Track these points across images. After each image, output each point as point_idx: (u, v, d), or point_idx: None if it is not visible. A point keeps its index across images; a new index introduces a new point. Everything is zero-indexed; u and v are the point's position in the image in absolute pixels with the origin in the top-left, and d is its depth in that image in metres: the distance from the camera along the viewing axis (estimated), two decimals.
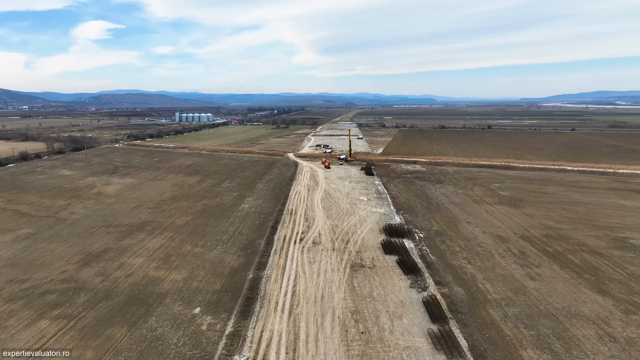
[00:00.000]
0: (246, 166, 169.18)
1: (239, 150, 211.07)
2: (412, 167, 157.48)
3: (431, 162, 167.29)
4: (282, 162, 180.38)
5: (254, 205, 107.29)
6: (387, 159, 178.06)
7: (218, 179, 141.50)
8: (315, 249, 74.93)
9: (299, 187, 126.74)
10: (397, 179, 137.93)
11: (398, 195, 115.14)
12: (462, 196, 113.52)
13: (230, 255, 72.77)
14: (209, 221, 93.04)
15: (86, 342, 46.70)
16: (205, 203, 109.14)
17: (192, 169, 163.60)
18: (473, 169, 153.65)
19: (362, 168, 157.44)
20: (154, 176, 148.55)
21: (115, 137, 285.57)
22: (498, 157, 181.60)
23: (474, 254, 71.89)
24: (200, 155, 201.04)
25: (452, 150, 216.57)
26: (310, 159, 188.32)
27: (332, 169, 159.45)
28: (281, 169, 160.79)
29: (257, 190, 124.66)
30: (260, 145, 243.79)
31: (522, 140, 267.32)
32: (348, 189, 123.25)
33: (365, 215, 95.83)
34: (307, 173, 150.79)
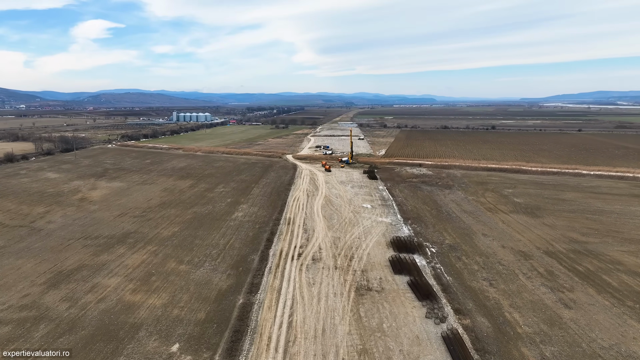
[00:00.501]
0: (242, 169, 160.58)
1: (235, 151, 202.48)
2: (417, 171, 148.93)
3: (437, 164, 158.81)
4: (280, 164, 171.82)
5: (248, 213, 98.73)
6: (390, 161, 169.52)
7: (211, 183, 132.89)
8: (315, 267, 66.41)
9: (297, 193, 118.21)
10: (402, 184, 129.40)
11: (404, 202, 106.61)
12: (473, 203, 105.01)
13: (219, 275, 64.23)
14: (198, 232, 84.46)
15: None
16: (196, 211, 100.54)
17: (185, 171, 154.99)
18: (482, 173, 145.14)
19: (364, 171, 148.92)
20: (143, 180, 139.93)
21: (109, 138, 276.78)
22: (507, 160, 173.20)
23: (495, 274, 63.38)
24: (195, 157, 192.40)
25: (457, 152, 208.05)
26: (309, 161, 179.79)
27: (332, 172, 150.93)
28: (279, 172, 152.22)
29: (253, 196, 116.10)
30: (258, 146, 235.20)
31: (528, 141, 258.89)
32: (350, 195, 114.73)
33: (370, 226, 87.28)
34: (307, 177, 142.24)
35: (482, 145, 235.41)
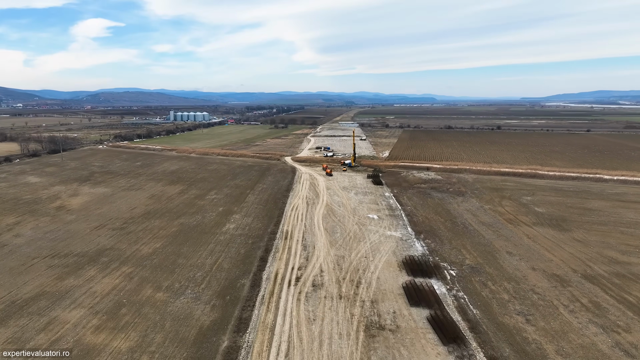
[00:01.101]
0: (237, 172, 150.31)
1: (231, 153, 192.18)
2: (425, 175, 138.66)
3: (446, 168, 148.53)
4: (279, 167, 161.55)
5: (241, 224, 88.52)
6: (395, 164, 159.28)
7: (203, 189, 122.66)
8: (316, 296, 56.23)
9: (296, 201, 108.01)
10: (410, 190, 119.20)
11: (414, 212, 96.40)
12: (491, 213, 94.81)
13: (201, 306, 54.06)
14: (182, 249, 74.25)
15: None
16: (183, 222, 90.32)
17: (176, 175, 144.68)
18: (495, 178, 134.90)
19: (368, 176, 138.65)
20: (130, 185, 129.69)
21: (101, 138, 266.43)
22: (519, 163, 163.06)
23: (531, 306, 53.21)
24: (188, 159, 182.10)
25: (465, 154, 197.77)
26: (309, 163, 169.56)
27: (334, 176, 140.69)
28: (277, 177, 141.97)
29: (247, 203, 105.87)
30: (256, 147, 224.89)
31: (537, 142, 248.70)
32: (354, 203, 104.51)
33: (377, 241, 77.09)
34: (306, 182, 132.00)
35: (490, 147, 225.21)
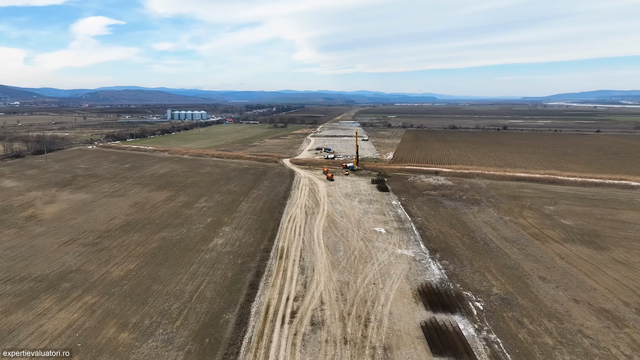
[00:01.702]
0: (231, 176, 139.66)
1: (226, 154, 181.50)
2: (434, 180, 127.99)
3: (456, 173, 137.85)
4: (276, 170, 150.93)
5: (231, 239, 78.00)
6: (401, 167, 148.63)
7: (192, 196, 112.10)
8: (315, 340, 45.70)
9: (294, 210, 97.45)
10: (419, 197, 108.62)
11: (426, 225, 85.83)
12: (512, 227, 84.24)
13: (173, 353, 43.54)
14: (160, 271, 63.71)
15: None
16: (165, 236, 79.78)
17: (165, 180, 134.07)
18: (510, 184, 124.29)
19: (373, 181, 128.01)
20: (114, 190, 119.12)
21: (92, 138, 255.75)
22: (532, 166, 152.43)
23: (584, 356, 42.63)
24: (180, 161, 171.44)
25: (473, 156, 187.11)
26: (309, 166, 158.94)
27: (336, 181, 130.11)
28: (273, 181, 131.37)
29: (240, 213, 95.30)
30: (253, 148, 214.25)
31: (546, 143, 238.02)
32: (359, 213, 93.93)
33: (387, 262, 66.55)
34: (306, 187, 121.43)
35: (498, 148, 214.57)
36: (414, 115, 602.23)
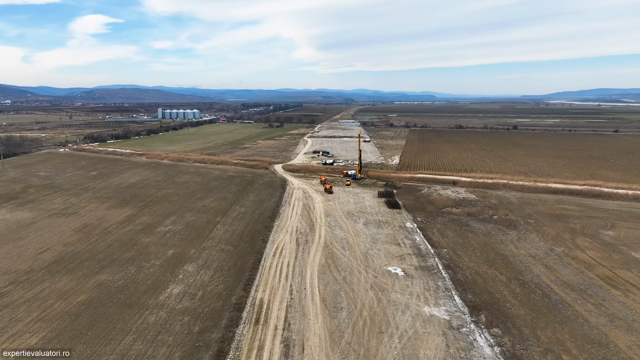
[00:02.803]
0: (212, 187, 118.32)
1: (210, 159, 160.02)
2: (453, 193, 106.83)
3: (478, 183, 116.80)
4: (265, 179, 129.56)
5: (192, 286, 56.81)
6: (412, 176, 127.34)
7: (158, 215, 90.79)
8: None
9: (282, 237, 76.23)
10: (439, 217, 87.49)
11: (456, 261, 64.76)
12: (571, 264, 63.23)
13: None
14: (75, 349, 42.42)
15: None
16: (104, 280, 58.49)
17: (132, 192, 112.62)
18: (546, 197, 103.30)
19: (380, 194, 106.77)
20: (66, 207, 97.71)
21: (67, 139, 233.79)
22: (561, 172, 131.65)
23: None
24: (157, 168, 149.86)
25: (490, 160, 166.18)
26: (304, 174, 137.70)
27: (335, 193, 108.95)
28: (261, 194, 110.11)
29: (212, 242, 74.10)
30: (243, 151, 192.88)
31: (566, 145, 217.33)
32: (365, 243, 72.76)
33: (412, 333, 45.42)
34: (299, 202, 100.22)
35: (515, 150, 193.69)
36: (416, 114, 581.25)
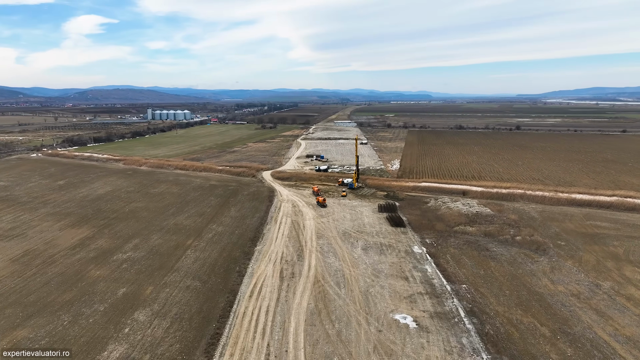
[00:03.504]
0: (189, 199, 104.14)
1: (193, 166, 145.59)
2: (465, 206, 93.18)
3: (491, 193, 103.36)
4: (251, 189, 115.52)
5: (139, 346, 42.90)
6: (415, 185, 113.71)
7: (120, 236, 76.56)
8: None
9: (263, 268, 62.31)
10: (451, 239, 73.87)
11: (480, 303, 51.09)
12: (628, 308, 49.88)
13: None
14: None
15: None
16: (22, 338, 44.37)
17: (96, 206, 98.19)
18: (571, 211, 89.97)
19: (380, 207, 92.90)
20: (13, 226, 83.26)
21: (43, 143, 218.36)
22: (581, 180, 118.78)
23: None
24: (133, 175, 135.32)
25: (498, 165, 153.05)
26: (295, 182, 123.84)
27: (329, 207, 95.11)
28: (244, 208, 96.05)
29: (177, 275, 60.04)
30: (231, 155, 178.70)
31: (575, 146, 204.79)
32: (365, 278, 58.95)
33: None
34: (287, 219, 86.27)
35: (522, 153, 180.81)
36: (413, 114, 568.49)
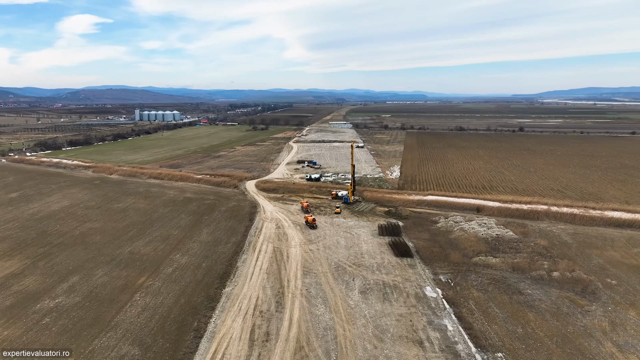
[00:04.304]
0: (156, 218, 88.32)
1: (169, 174, 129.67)
2: (481, 227, 78.11)
3: (510, 210, 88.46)
4: (230, 205, 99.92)
5: None
6: (420, 199, 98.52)
7: (57, 272, 60.77)
8: None
9: (228, 325, 46.82)
10: (471, 274, 58.84)
11: None
12: None
13: None
14: None
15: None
16: None
17: (42, 227, 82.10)
18: (609, 233, 75.36)
19: (381, 229, 77.41)
20: None
21: (11, 147, 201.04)
22: (606, 191, 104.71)
23: None
24: (100, 186, 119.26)
25: (509, 172, 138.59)
26: (282, 195, 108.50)
27: (320, 228, 79.77)
28: (218, 230, 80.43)
29: (112, 336, 44.49)
30: (215, 161, 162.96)
31: (586, 150, 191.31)
32: (364, 342, 43.67)
33: None
34: (268, 246, 70.82)
35: (532, 158, 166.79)
36: (410, 114, 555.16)
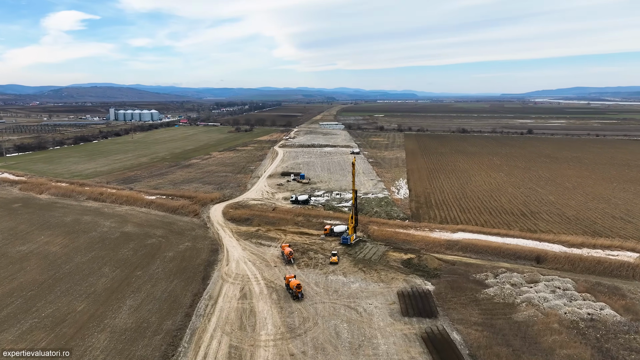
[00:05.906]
0: (62, 276, 59.01)
1: (113, 195, 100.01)
2: (557, 298, 50.80)
3: (584, 259, 61.65)
4: (182, 246, 70.92)
5: None
6: (449, 239, 70.61)
7: None
8: None
9: None
10: None
11: None
12: None
13: None
14: None
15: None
16: None
17: None
18: None
19: (404, 301, 49.32)
20: None
21: None
22: None
23: None
24: (17, 211, 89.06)
25: (542, 189, 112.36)
26: (258, 227, 79.93)
27: (307, 301, 51.50)
28: (148, 302, 51.50)
29: None
30: (183, 172, 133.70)
31: (617, 158, 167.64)
32: None
33: None
34: (219, 343, 42.38)
35: (560, 169, 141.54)
36: (404, 114, 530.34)
